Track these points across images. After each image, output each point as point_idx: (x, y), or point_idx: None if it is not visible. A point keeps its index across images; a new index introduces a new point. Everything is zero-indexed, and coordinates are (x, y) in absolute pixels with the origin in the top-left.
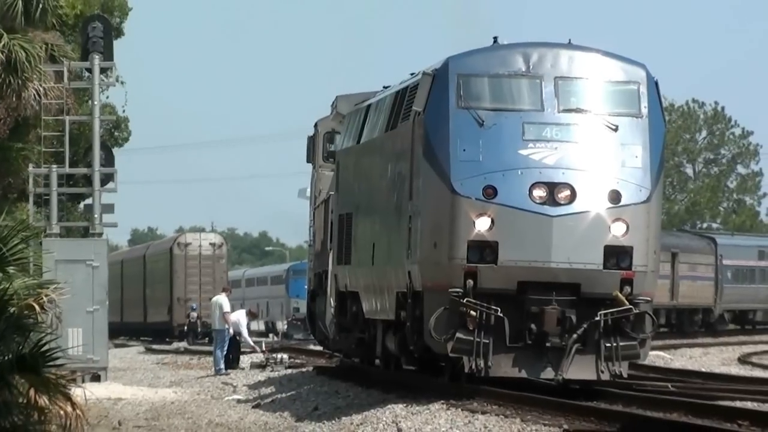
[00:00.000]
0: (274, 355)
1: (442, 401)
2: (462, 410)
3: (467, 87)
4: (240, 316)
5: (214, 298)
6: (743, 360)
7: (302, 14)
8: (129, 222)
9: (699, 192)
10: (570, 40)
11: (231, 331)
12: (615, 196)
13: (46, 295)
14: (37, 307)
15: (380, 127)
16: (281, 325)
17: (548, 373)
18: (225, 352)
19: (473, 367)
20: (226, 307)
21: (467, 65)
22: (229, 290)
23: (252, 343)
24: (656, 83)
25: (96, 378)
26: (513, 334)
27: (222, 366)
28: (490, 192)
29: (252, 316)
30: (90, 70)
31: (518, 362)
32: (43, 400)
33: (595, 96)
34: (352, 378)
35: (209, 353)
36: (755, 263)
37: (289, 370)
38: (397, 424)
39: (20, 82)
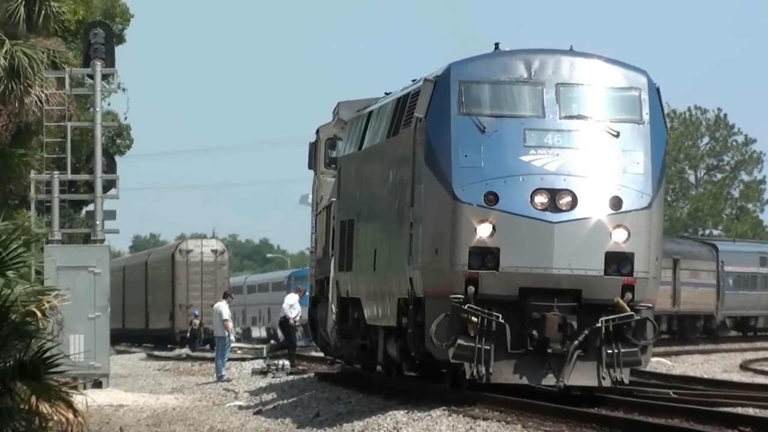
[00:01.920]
0: (276, 361)
1: (444, 408)
2: (463, 416)
3: (469, 93)
4: (292, 300)
5: (215, 305)
6: (745, 367)
7: (304, 21)
8: (131, 228)
9: (701, 199)
10: (572, 46)
11: (231, 337)
12: (616, 203)
13: (48, 302)
14: (38, 314)
15: (382, 134)
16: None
17: (550, 380)
18: (225, 358)
19: (474, 373)
20: (226, 314)
21: (469, 72)
22: (230, 296)
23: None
24: (658, 89)
25: (98, 384)
26: (514, 341)
27: (224, 372)
28: (492, 198)
29: (301, 293)
30: (92, 77)
31: (519, 369)
32: (45, 407)
33: (597, 102)
34: (353, 384)
35: (211, 360)
36: (757, 270)
37: (291, 377)
38: (398, 430)
39: (22, 88)
